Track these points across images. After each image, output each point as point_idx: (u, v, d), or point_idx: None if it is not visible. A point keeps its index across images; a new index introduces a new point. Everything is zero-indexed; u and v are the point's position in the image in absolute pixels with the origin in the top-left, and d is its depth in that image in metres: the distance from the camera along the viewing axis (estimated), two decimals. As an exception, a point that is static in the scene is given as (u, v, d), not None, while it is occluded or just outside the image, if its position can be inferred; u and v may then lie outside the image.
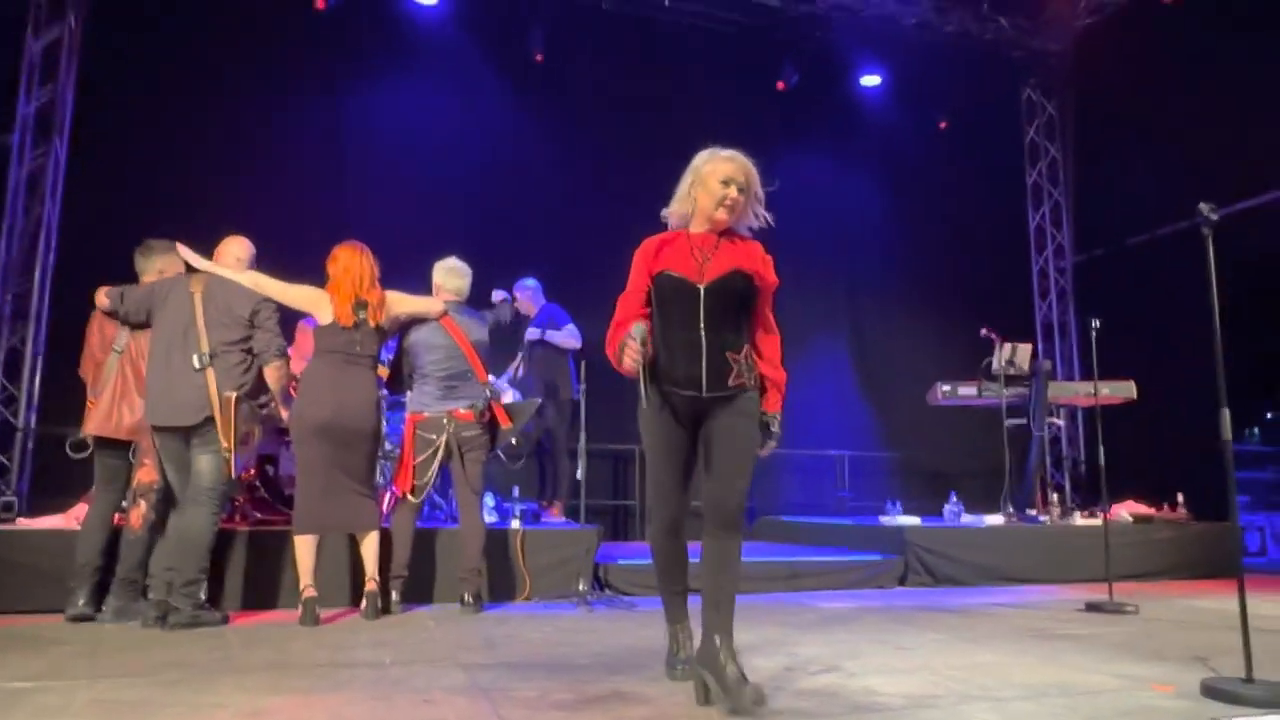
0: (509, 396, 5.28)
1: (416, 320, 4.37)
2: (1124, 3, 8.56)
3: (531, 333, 5.87)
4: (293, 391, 4.20)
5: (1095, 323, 4.99)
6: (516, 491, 5.44)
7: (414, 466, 4.27)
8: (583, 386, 5.09)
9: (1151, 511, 6.68)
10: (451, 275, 4.52)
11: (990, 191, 9.59)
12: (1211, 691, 2.65)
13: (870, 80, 8.88)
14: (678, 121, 8.19)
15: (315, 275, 4.19)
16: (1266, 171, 7.29)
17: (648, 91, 8.11)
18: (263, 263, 4.20)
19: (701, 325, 2.73)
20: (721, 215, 2.87)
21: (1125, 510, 6.69)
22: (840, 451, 8.38)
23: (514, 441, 4.45)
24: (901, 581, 5.65)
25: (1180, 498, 6.77)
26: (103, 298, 4.06)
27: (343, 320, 4.06)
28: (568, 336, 5.91)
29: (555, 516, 5.75)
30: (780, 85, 8.29)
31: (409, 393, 4.45)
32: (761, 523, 7.74)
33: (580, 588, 4.70)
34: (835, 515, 7.72)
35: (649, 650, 3.36)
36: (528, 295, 6.11)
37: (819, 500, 8.29)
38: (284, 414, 4.11)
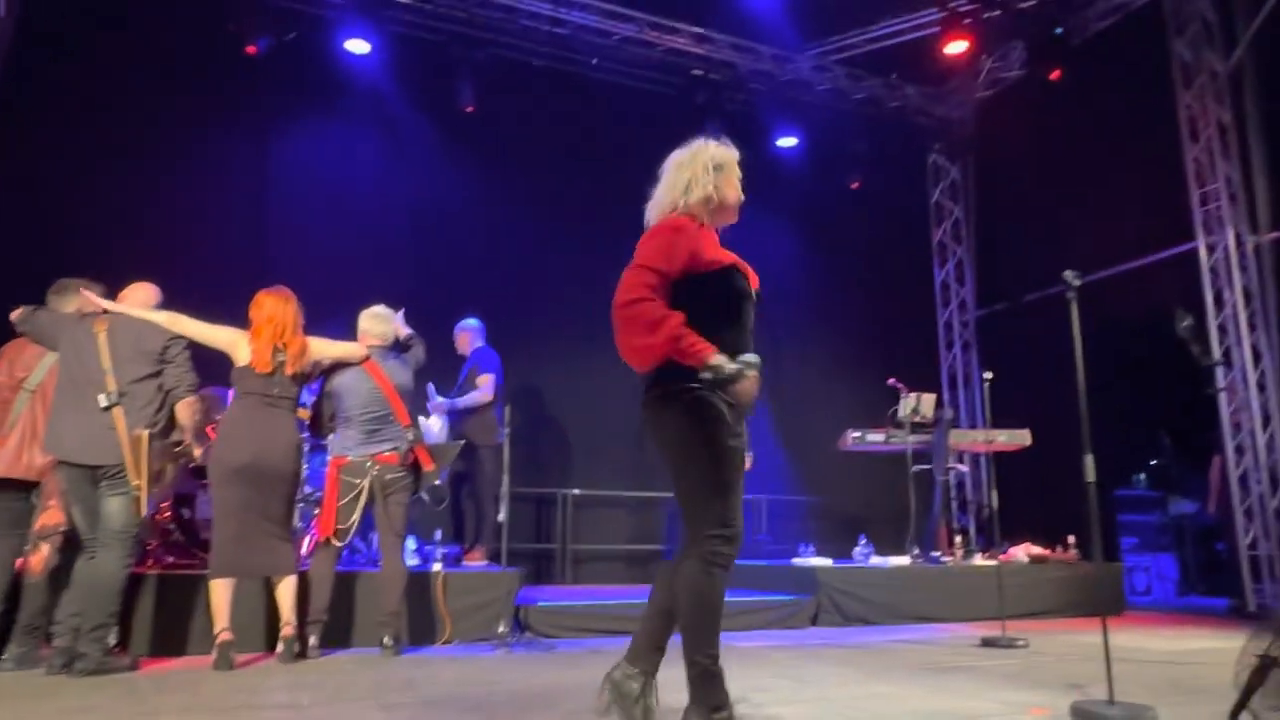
0: (438, 426, 5.35)
1: (340, 364, 4.44)
2: (1017, 77, 9.26)
3: (437, 406, 5.74)
4: (210, 432, 4.21)
5: (987, 375, 5.36)
6: (439, 535, 5.48)
7: (337, 510, 4.30)
8: (507, 430, 5.19)
9: (1046, 552, 7.08)
10: (376, 321, 4.62)
11: (899, 248, 10.13)
12: (1078, 713, 2.90)
13: (787, 141, 9.35)
14: (604, 176, 8.47)
15: (234, 319, 4.23)
16: (1144, 235, 7.93)
17: (576, 145, 8.38)
18: (180, 303, 4.21)
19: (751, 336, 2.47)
20: (735, 213, 2.65)
21: (1023, 551, 7.07)
22: (759, 496, 8.62)
23: (437, 484, 4.51)
24: (814, 620, 5.86)
25: (1071, 540, 7.19)
26: (17, 311, 4.02)
27: (259, 366, 4.09)
28: (477, 397, 5.85)
29: (477, 560, 5.80)
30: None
31: (332, 437, 4.49)
32: (681, 566, 7.89)
33: (500, 630, 4.75)
34: (753, 557, 7.92)
35: (565, 689, 3.47)
36: (467, 335, 6.16)
37: (739, 543, 8.47)
38: (198, 452, 4.10)
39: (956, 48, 8.58)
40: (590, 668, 4.01)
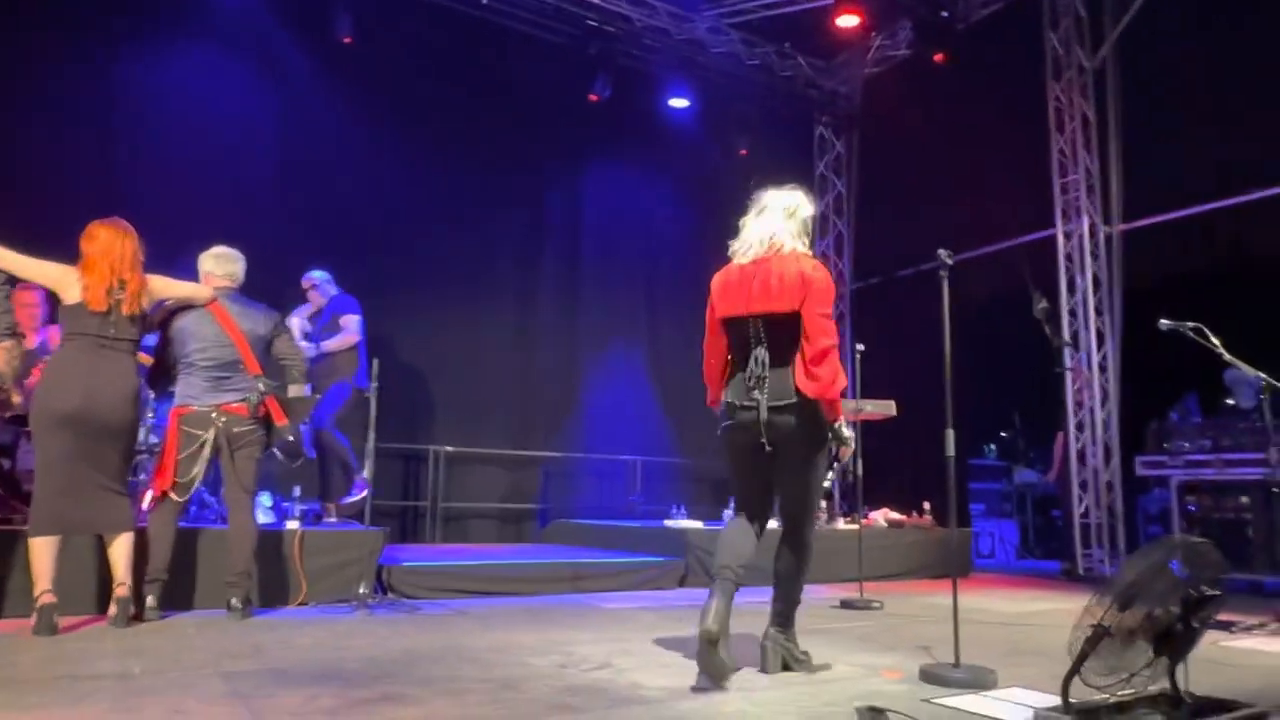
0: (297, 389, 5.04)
1: (183, 307, 4.09)
2: (904, 57, 9.48)
3: (308, 349, 5.42)
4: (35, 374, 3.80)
5: (859, 347, 5.50)
6: (298, 491, 5.19)
7: (177, 463, 3.99)
8: (375, 384, 4.94)
9: (903, 518, 7.43)
10: (221, 261, 4.27)
11: (783, 218, 10.26)
12: (927, 675, 3.02)
13: (679, 102, 9.26)
14: (488, 119, 8.18)
15: (70, 256, 3.81)
16: (1010, 219, 8.31)
17: (459, 87, 8.02)
18: (11, 239, 3.76)
19: None
20: None
21: (882, 516, 7.39)
22: (634, 457, 8.66)
23: (290, 439, 4.25)
24: (682, 582, 5.93)
25: (927, 505, 7.57)
26: None
27: (94, 303, 3.71)
28: (343, 338, 5.60)
29: (361, 492, 5.50)
30: (593, 97, 8.46)
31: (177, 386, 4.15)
32: (553, 526, 7.85)
33: (361, 591, 4.57)
34: (625, 519, 7.97)
35: (426, 653, 3.35)
36: (317, 288, 5.84)
37: (613, 504, 8.51)
38: (16, 399, 3.71)
39: (848, 21, 8.68)
40: (454, 630, 3.91)
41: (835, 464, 3.25)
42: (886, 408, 7.67)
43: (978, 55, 8.43)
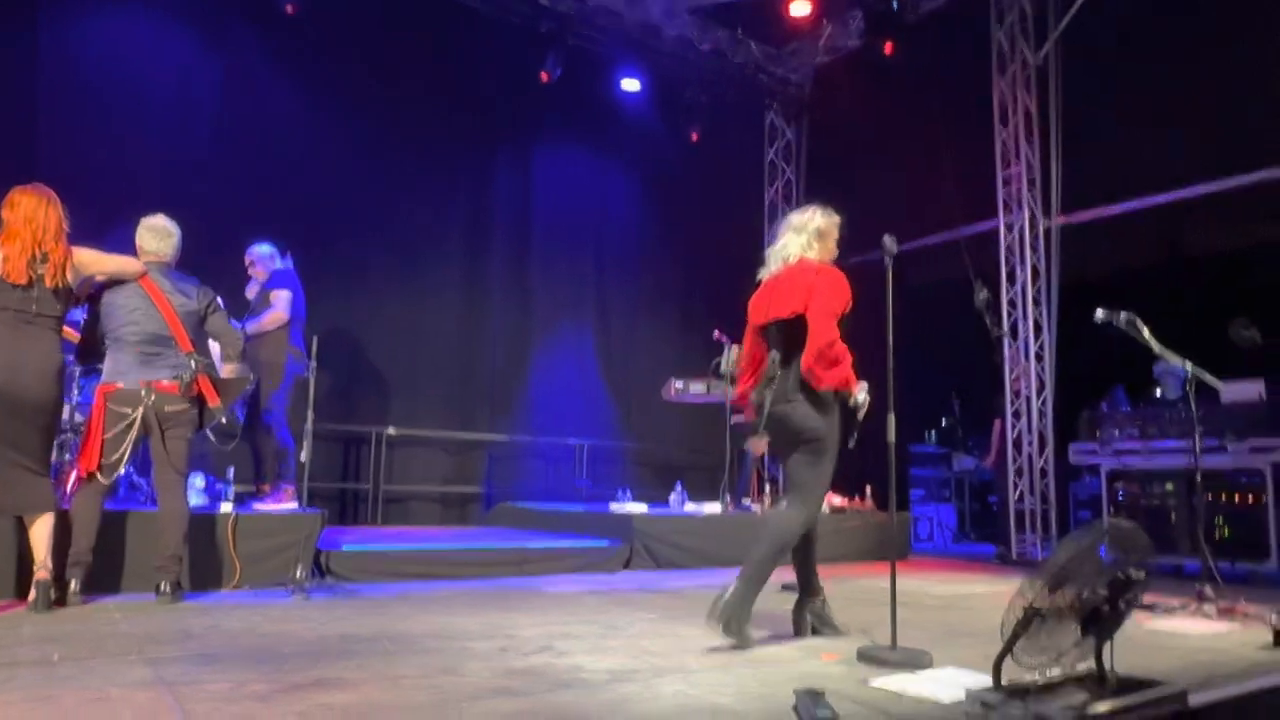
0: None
1: (114, 282, 3.93)
2: (855, 47, 9.54)
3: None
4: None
5: (806, 332, 5.50)
6: (232, 472, 5.05)
7: (103, 443, 3.84)
8: (312, 363, 4.82)
9: (846, 503, 7.54)
10: (154, 235, 4.10)
11: (733, 204, 10.29)
12: (864, 657, 3.06)
13: (630, 85, 9.19)
14: (437, 94, 8.03)
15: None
16: (954, 210, 8.44)
17: (407, 62, 7.85)
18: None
19: None
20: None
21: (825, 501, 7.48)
22: (581, 440, 8.63)
23: (223, 420, 4.12)
24: (626, 565, 5.94)
25: (869, 490, 7.69)
26: None
27: (14, 276, 3.55)
28: (265, 318, 5.28)
29: (284, 500, 5.36)
30: (544, 76, 8.35)
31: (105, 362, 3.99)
32: (497, 509, 7.79)
33: (298, 575, 4.46)
34: (572, 502, 7.94)
35: (363, 638, 3.29)
36: (257, 264, 5.63)
37: (559, 487, 8.48)
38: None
39: (800, 10, 8.71)
40: (393, 614, 3.85)
41: (854, 434, 3.48)
42: (831, 394, 7.78)
43: (926, 48, 8.53)
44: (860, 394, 3.38)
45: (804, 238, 3.59)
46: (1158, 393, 7.08)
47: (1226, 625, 4.00)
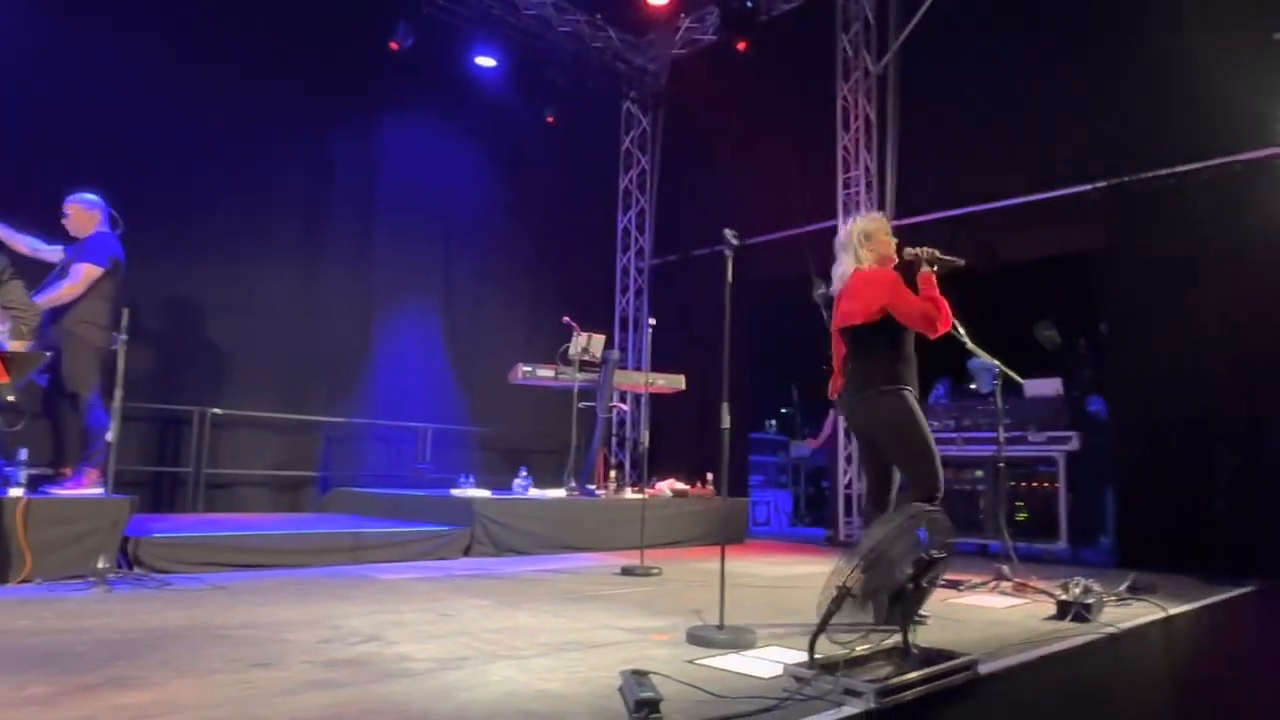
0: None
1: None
2: (711, 42, 9.73)
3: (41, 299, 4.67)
4: None
5: (651, 321, 5.61)
6: (24, 454, 4.57)
7: None
8: (124, 336, 4.43)
9: (687, 488, 7.73)
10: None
11: (587, 189, 10.30)
12: (693, 638, 3.15)
13: (485, 61, 8.98)
14: (278, 56, 7.55)
15: None
16: (799, 208, 8.78)
17: (248, 16, 7.32)
18: None
19: None
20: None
21: (668, 486, 7.65)
22: (423, 423, 8.40)
23: (11, 399, 3.72)
24: (467, 551, 5.84)
25: (710, 476, 7.92)
26: None
27: None
28: (66, 287, 4.71)
29: (86, 485, 4.89)
30: (394, 45, 8.01)
31: None
32: (333, 494, 7.48)
33: (100, 565, 4.10)
34: (411, 487, 7.73)
35: (170, 632, 3.07)
36: (83, 213, 4.95)
37: (399, 472, 8.23)
38: None
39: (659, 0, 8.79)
40: (207, 606, 3.61)
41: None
42: (676, 382, 7.96)
43: (778, 48, 8.82)
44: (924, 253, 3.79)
45: (850, 252, 3.81)
46: (972, 386, 7.66)
47: (1020, 600, 4.38)
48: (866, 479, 3.97)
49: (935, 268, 3.75)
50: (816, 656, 2.52)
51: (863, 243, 3.79)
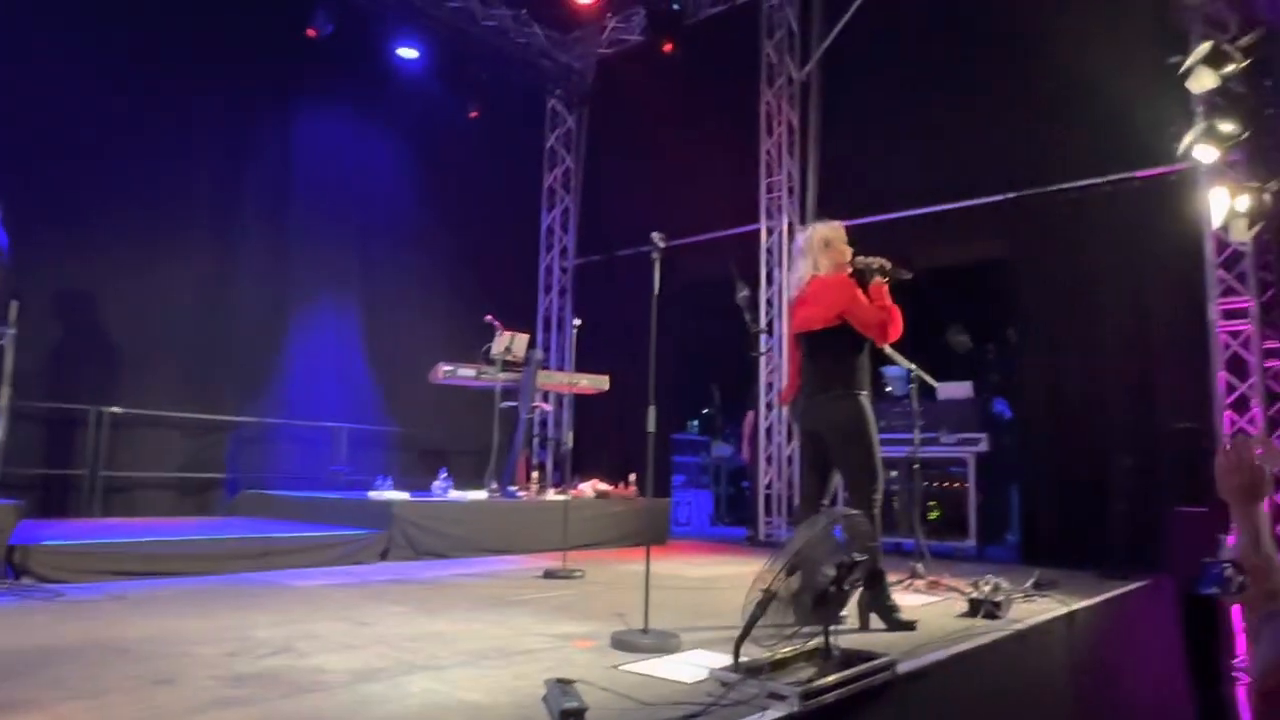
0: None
1: None
2: (637, 43, 9.73)
3: None
4: None
5: (576, 321, 5.57)
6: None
7: None
8: (11, 330, 4.16)
9: (610, 489, 7.71)
10: None
11: (511, 186, 10.17)
12: (617, 643, 3.13)
13: (408, 53, 8.76)
14: (188, 41, 7.22)
15: None
16: (722, 211, 8.86)
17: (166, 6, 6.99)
18: None
19: None
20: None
21: (590, 487, 7.61)
22: (339, 423, 8.16)
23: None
24: (384, 556, 5.68)
25: (633, 477, 7.91)
26: None
27: None
28: None
29: None
30: (312, 33, 7.74)
31: None
32: (242, 497, 7.18)
33: (-18, 576, 3.84)
34: (327, 489, 7.49)
35: (63, 648, 2.88)
36: None
37: (313, 474, 7.96)
38: None
39: (585, -3, 8.75)
40: (104, 619, 3.41)
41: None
42: (600, 383, 7.93)
43: (703, 52, 8.88)
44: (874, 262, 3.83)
45: (809, 258, 3.87)
46: (888, 389, 7.86)
47: (933, 597, 4.51)
48: (804, 481, 4.02)
49: (886, 278, 3.80)
50: (741, 660, 2.53)
51: (822, 249, 3.85)
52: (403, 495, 6.37)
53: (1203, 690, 5.66)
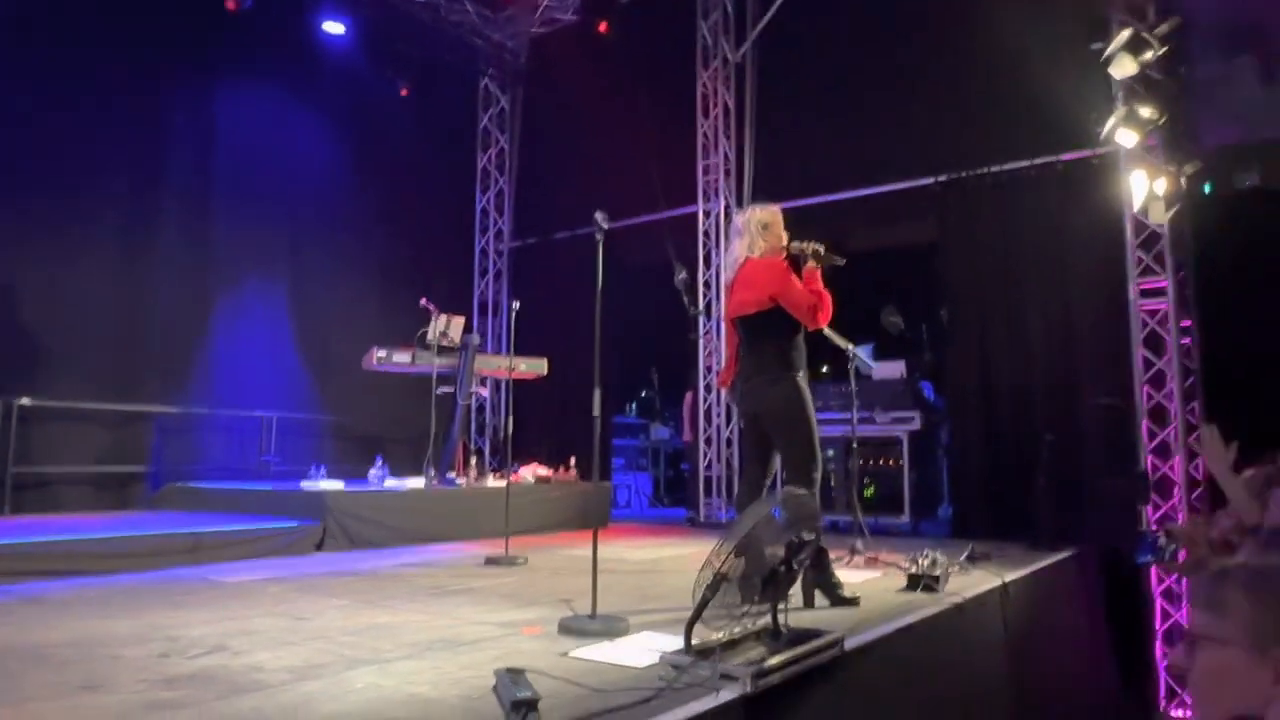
0: None
1: None
2: (571, 22, 9.58)
3: None
4: None
5: (515, 304, 5.48)
6: None
7: None
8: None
9: (550, 473, 7.65)
10: None
11: (444, 167, 9.95)
12: (565, 629, 3.09)
13: (334, 27, 8.46)
14: (96, 10, 6.84)
15: None
16: (659, 193, 8.81)
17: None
18: None
19: None
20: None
21: (530, 472, 7.54)
22: (268, 412, 7.90)
23: None
24: (319, 547, 5.53)
25: (573, 460, 7.87)
26: None
27: None
28: None
29: None
30: (231, 5, 7.41)
31: None
32: (166, 490, 6.89)
33: (-117, 581, 3.60)
34: (257, 480, 7.26)
35: (-27, 654, 2.71)
36: None
37: (242, 464, 7.70)
38: None
39: (518, -26, 8.58)
40: (22, 623, 3.24)
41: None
42: (539, 367, 7.84)
43: (639, 32, 8.80)
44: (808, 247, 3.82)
45: (746, 240, 3.86)
46: (824, 369, 7.97)
47: (873, 573, 4.59)
48: (747, 464, 4.04)
49: (819, 263, 3.81)
50: (693, 642, 2.52)
51: (759, 232, 3.85)
52: (337, 485, 6.21)
53: (1125, 651, 5.93)
